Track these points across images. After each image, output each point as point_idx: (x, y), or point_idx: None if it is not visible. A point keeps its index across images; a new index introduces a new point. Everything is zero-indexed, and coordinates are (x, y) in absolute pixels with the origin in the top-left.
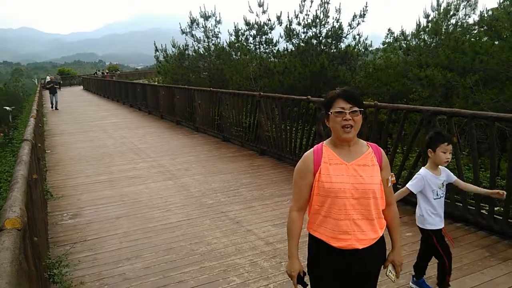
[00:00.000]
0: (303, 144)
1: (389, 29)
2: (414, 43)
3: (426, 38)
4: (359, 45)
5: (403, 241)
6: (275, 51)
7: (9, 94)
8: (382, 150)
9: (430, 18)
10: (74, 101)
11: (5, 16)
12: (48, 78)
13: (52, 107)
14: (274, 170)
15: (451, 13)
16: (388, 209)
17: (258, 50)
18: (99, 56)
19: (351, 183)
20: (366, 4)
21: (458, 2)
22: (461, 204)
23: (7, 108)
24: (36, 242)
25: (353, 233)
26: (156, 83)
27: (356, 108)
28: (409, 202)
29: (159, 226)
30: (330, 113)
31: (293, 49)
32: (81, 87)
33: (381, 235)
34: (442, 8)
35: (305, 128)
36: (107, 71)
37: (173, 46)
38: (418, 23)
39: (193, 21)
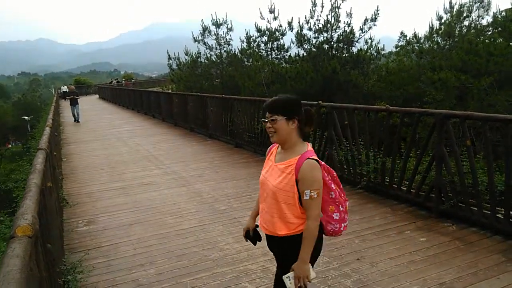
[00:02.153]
0: (315, 149)
1: (401, 32)
2: (427, 45)
3: (439, 41)
4: (371, 49)
5: (417, 246)
6: (286, 57)
7: (27, 104)
8: (305, 165)
9: (443, 21)
10: (90, 109)
11: (23, 28)
12: (65, 88)
13: (74, 120)
14: None
15: (464, 15)
16: (304, 222)
17: (270, 56)
18: (114, 65)
19: (266, 179)
20: (378, 7)
21: (471, 3)
22: (477, 208)
23: (25, 117)
24: (49, 249)
25: (262, 217)
26: (169, 91)
27: (275, 117)
28: (423, 207)
29: (172, 232)
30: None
31: (305, 54)
32: (97, 96)
33: (286, 235)
34: (455, 10)
35: (317, 133)
36: (124, 79)
37: (186, 54)
38: (431, 25)
39: (205, 29)
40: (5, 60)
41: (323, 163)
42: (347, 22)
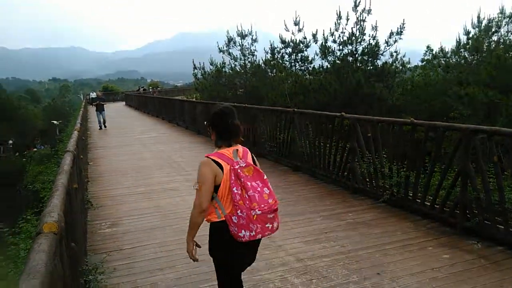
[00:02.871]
0: (337, 160)
1: (427, 46)
2: (454, 60)
3: (466, 55)
4: (397, 62)
5: (440, 263)
6: (310, 68)
7: (56, 109)
8: (201, 162)
9: (470, 35)
10: (116, 116)
11: (56, 36)
12: (93, 94)
13: (100, 127)
14: (307, 187)
15: (493, 30)
16: (213, 211)
17: (293, 68)
18: (141, 74)
19: None
20: (404, 21)
21: (500, 19)
22: (503, 227)
23: (55, 122)
24: (73, 248)
25: None
26: (193, 99)
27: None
28: (447, 223)
29: None
30: None
31: (329, 66)
32: (123, 103)
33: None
34: (483, 25)
35: (339, 145)
36: (151, 87)
37: (211, 64)
38: (458, 40)
39: (230, 40)
40: (38, 66)
41: (236, 166)
42: (372, 35)
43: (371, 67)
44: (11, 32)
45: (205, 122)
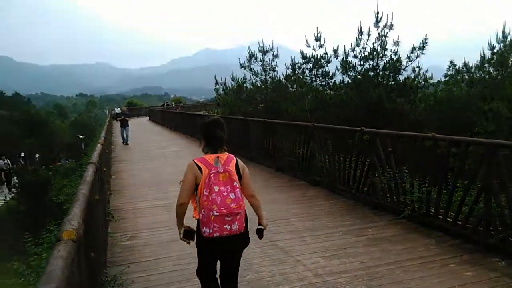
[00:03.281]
0: (357, 175)
1: (451, 61)
2: (478, 75)
3: (491, 71)
4: (419, 77)
5: (462, 280)
6: (331, 84)
7: (83, 123)
8: (187, 164)
9: (495, 50)
10: (139, 130)
11: (83, 52)
12: (118, 110)
13: (123, 142)
14: (326, 201)
15: None
16: (196, 207)
17: (314, 83)
18: (164, 89)
19: None
20: (426, 36)
21: None
22: None
23: (80, 136)
24: (92, 257)
25: None
26: (214, 115)
27: None
28: (470, 240)
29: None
30: None
31: (349, 81)
32: (147, 117)
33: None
34: (508, 39)
35: (359, 159)
36: (174, 102)
37: (232, 79)
38: (482, 55)
39: (251, 56)
40: (66, 82)
41: (212, 171)
42: (394, 50)
43: (393, 82)
44: (41, 49)
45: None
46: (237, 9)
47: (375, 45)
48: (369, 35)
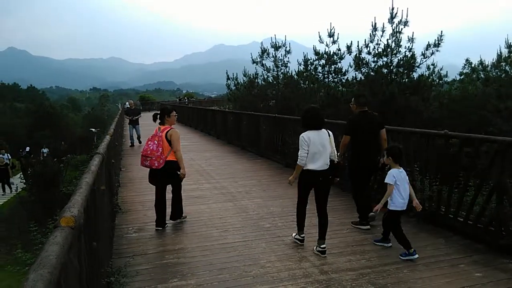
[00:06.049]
0: None
1: (466, 60)
2: (493, 74)
3: (507, 69)
4: (433, 75)
5: (472, 281)
6: (343, 80)
7: (96, 117)
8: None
9: None
10: (151, 124)
11: (98, 47)
12: (128, 104)
13: (130, 144)
14: (334, 199)
15: None
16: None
17: (326, 79)
18: (177, 85)
19: None
20: (441, 33)
21: None
22: None
23: (93, 129)
24: (95, 247)
25: None
26: (225, 109)
27: None
28: (481, 240)
29: (216, 245)
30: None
31: (362, 78)
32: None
33: None
34: None
35: None
36: (186, 98)
37: (244, 75)
38: (499, 53)
39: (264, 51)
40: (80, 76)
41: (155, 133)
42: (408, 47)
43: (406, 80)
44: (57, 44)
45: None
46: (253, 6)
47: (389, 41)
48: (383, 31)
